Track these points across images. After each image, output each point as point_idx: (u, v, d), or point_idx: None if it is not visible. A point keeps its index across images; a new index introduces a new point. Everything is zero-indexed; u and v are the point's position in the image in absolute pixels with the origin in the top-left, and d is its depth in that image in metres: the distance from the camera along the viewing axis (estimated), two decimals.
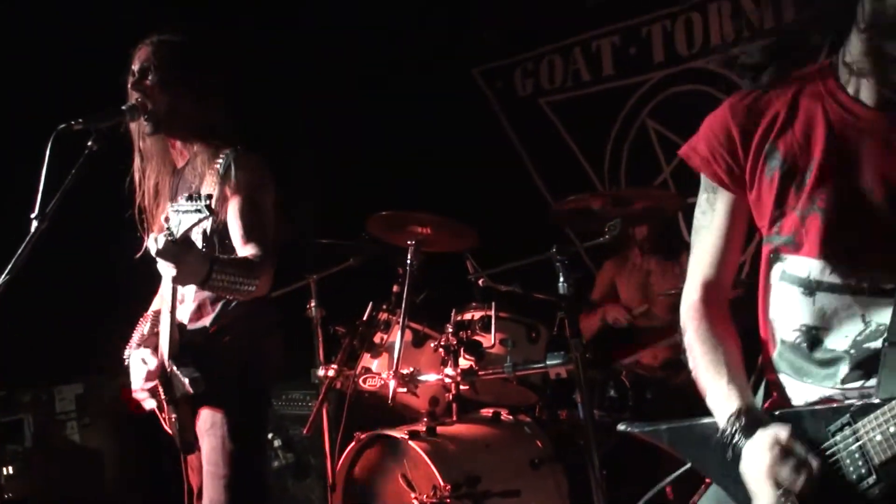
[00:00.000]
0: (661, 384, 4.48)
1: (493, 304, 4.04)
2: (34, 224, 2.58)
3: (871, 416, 1.63)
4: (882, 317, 1.70)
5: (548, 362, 3.72)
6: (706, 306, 1.95)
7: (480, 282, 4.20)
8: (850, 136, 1.73)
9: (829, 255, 1.75)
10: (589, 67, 6.13)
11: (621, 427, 2.09)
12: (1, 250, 2.59)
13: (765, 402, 1.92)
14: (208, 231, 2.87)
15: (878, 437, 1.62)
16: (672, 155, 5.71)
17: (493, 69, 6.60)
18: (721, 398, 1.84)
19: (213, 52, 3.15)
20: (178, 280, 2.70)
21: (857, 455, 1.65)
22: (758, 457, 1.71)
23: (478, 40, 6.36)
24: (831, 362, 1.77)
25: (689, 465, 1.97)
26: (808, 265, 1.78)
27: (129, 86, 3.00)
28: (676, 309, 4.64)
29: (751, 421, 1.76)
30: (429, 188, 5.52)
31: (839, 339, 1.76)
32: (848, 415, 1.67)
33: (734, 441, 1.76)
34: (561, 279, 3.52)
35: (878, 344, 1.70)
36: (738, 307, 2.01)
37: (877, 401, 1.65)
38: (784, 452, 1.68)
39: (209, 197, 2.55)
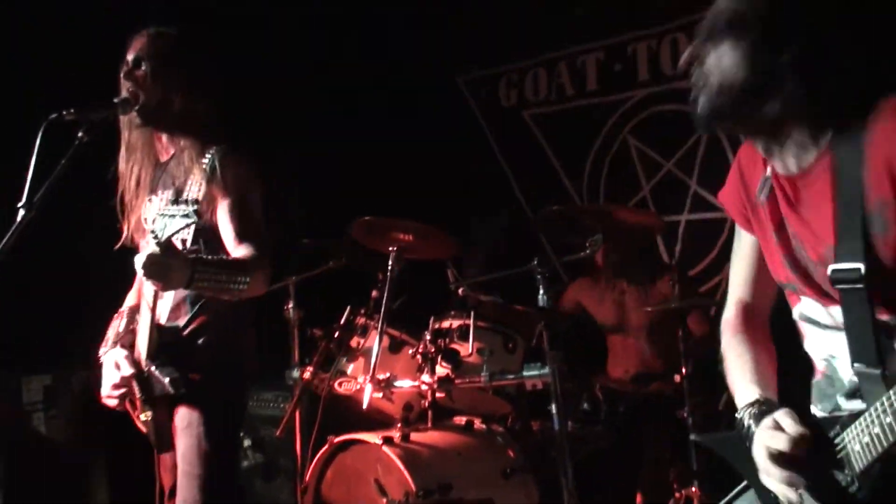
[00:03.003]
0: (633, 398, 4.51)
1: (472, 313, 4.05)
2: (21, 213, 2.56)
3: (853, 425, 1.72)
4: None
5: (525, 373, 3.73)
6: (740, 321, 2.11)
7: (460, 291, 4.21)
8: (794, 195, 1.85)
9: (820, 299, 1.86)
10: (573, 82, 6.17)
11: (693, 437, 2.50)
12: None
13: None
14: (192, 233, 2.86)
15: (857, 447, 1.70)
16: (652, 173, 5.77)
17: (477, 78, 6.63)
18: (742, 395, 1.96)
19: (206, 48, 3.15)
20: (166, 288, 2.71)
21: (843, 463, 1.74)
22: (761, 436, 1.82)
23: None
24: (842, 391, 1.86)
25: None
26: (813, 308, 1.90)
27: (121, 75, 2.99)
28: (651, 329, 4.71)
29: (761, 410, 1.87)
30: (412, 195, 5.53)
31: (846, 369, 1.84)
32: (838, 426, 1.76)
33: (748, 427, 1.87)
34: (541, 291, 3.55)
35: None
36: None
37: (859, 411, 1.72)
38: (775, 425, 1.79)
39: (196, 202, 2.55)
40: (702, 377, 4.16)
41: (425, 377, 3.90)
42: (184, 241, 2.86)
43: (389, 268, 4.06)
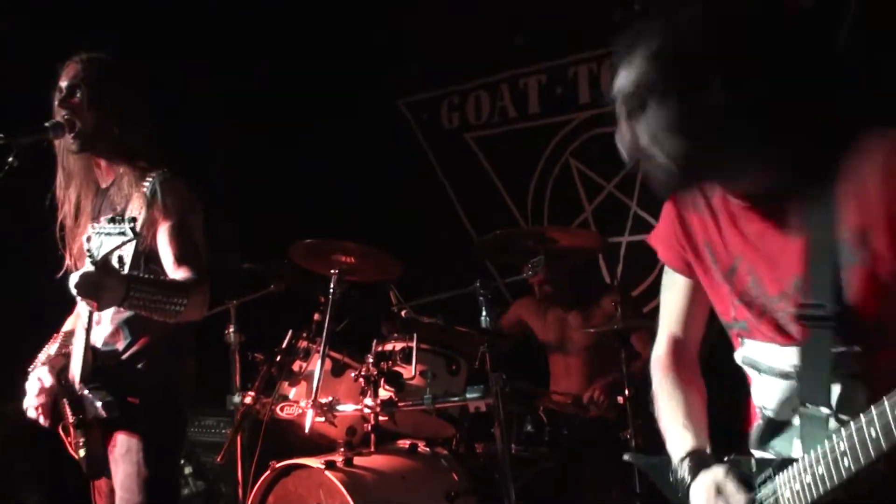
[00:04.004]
0: (576, 420, 4.52)
1: (415, 335, 4.04)
2: None
3: (786, 471, 1.70)
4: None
5: (467, 395, 3.72)
6: (671, 359, 2.08)
7: (403, 313, 4.19)
8: (751, 230, 1.80)
9: (770, 339, 1.82)
10: (515, 104, 6.21)
11: (626, 457, 2.25)
12: None
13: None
14: (130, 255, 2.83)
15: (788, 494, 1.68)
16: (594, 194, 5.81)
17: (419, 101, 6.64)
18: (675, 441, 1.94)
19: (141, 74, 3.12)
20: (101, 307, 2.67)
21: None
22: (699, 494, 1.81)
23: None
24: (780, 438, 1.84)
25: None
26: (759, 350, 1.86)
27: (56, 103, 2.95)
28: (593, 350, 4.71)
29: (697, 463, 1.85)
30: (354, 218, 5.52)
31: (788, 412, 1.82)
32: (770, 469, 1.74)
33: (683, 480, 1.86)
34: (483, 313, 3.55)
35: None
36: None
37: (794, 457, 1.71)
38: (717, 489, 1.77)
39: (133, 220, 2.52)
40: (645, 399, 4.17)
41: (368, 400, 3.87)
42: (121, 258, 2.82)
43: (331, 290, 4.04)
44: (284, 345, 4.18)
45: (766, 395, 1.86)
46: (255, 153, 5.87)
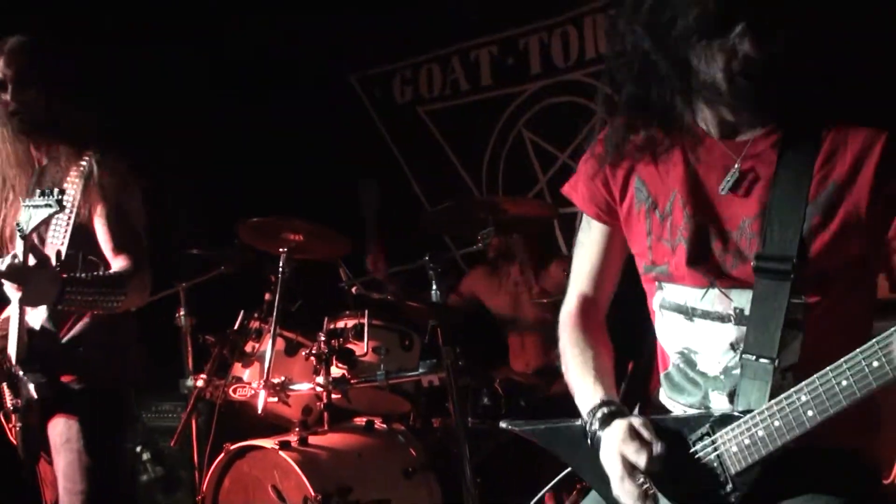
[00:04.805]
0: (535, 391, 4.51)
1: (367, 311, 4.01)
2: None
3: (729, 427, 1.68)
4: None
5: (420, 370, 3.69)
6: (581, 316, 2.05)
7: (354, 289, 4.16)
8: (704, 165, 1.80)
9: (700, 281, 1.80)
10: (467, 77, 6.16)
11: (503, 424, 2.15)
12: None
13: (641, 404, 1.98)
14: (69, 233, 2.77)
15: (734, 448, 1.67)
16: (548, 165, 5.79)
17: (371, 76, 6.57)
18: (586, 395, 1.90)
19: (71, 53, 3.06)
20: (26, 301, 2.62)
21: (715, 464, 1.69)
22: (611, 441, 1.76)
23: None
24: (705, 386, 1.83)
25: (567, 472, 2.03)
26: (683, 293, 1.84)
27: None
28: (547, 320, 4.69)
29: (609, 412, 1.82)
30: (305, 195, 5.45)
31: (711, 364, 1.81)
32: (707, 425, 1.72)
33: (594, 431, 1.82)
34: (434, 287, 3.51)
35: None
36: None
37: (735, 412, 1.69)
38: (632, 434, 1.73)
39: (62, 192, 2.47)
40: None
41: (320, 379, 3.84)
42: (59, 253, 2.77)
43: (280, 269, 3.99)
44: (236, 326, 4.14)
45: (692, 339, 1.84)
46: (202, 130, 5.77)
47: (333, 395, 3.93)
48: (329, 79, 6.47)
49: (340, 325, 4.09)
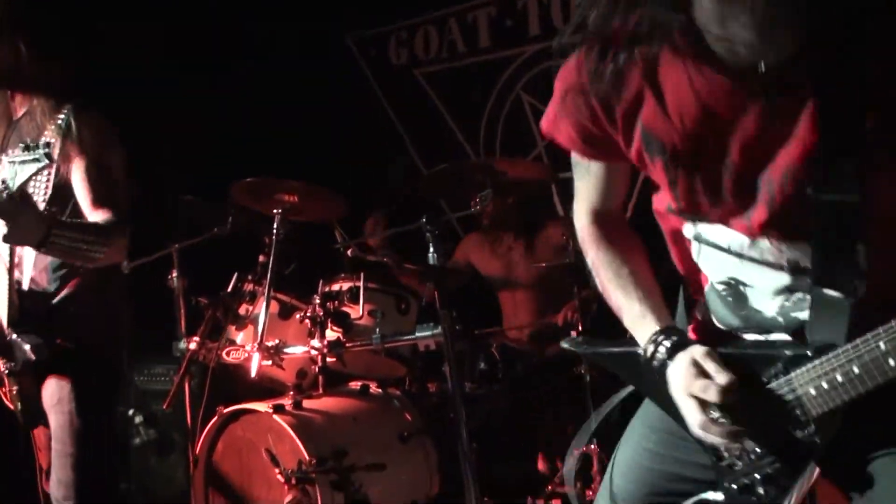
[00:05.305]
0: (531, 356, 4.48)
1: (363, 274, 3.96)
2: None
3: (804, 368, 1.58)
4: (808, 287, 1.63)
5: (416, 334, 3.64)
6: (600, 227, 1.88)
7: (349, 252, 4.11)
8: (731, 107, 1.54)
9: (747, 232, 1.65)
10: (464, 39, 6.08)
11: (564, 344, 2.00)
12: None
13: (689, 324, 1.88)
14: (50, 189, 2.71)
15: (813, 392, 1.57)
16: None
17: (367, 37, 6.49)
18: (637, 321, 1.78)
19: (52, 4, 2.97)
20: (11, 238, 2.55)
21: (794, 404, 1.60)
22: (678, 378, 1.66)
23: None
24: (762, 324, 1.72)
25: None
26: (728, 236, 1.68)
27: None
28: (542, 284, 4.68)
29: (673, 343, 1.70)
30: (301, 156, 5.39)
31: (766, 302, 1.69)
32: (780, 364, 1.62)
33: (658, 366, 1.71)
34: (431, 250, 3.46)
35: (805, 314, 1.63)
36: None
37: (808, 353, 1.58)
38: (697, 370, 1.63)
39: (48, 145, 2.41)
40: (599, 334, 4.12)
41: (315, 342, 3.79)
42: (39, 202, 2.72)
43: (275, 231, 3.93)
44: (230, 288, 4.09)
45: (741, 274, 1.70)
46: (196, 90, 5.69)
47: (328, 359, 3.89)
48: (325, 38, 6.39)
49: (336, 287, 4.04)
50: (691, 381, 1.63)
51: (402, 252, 4.57)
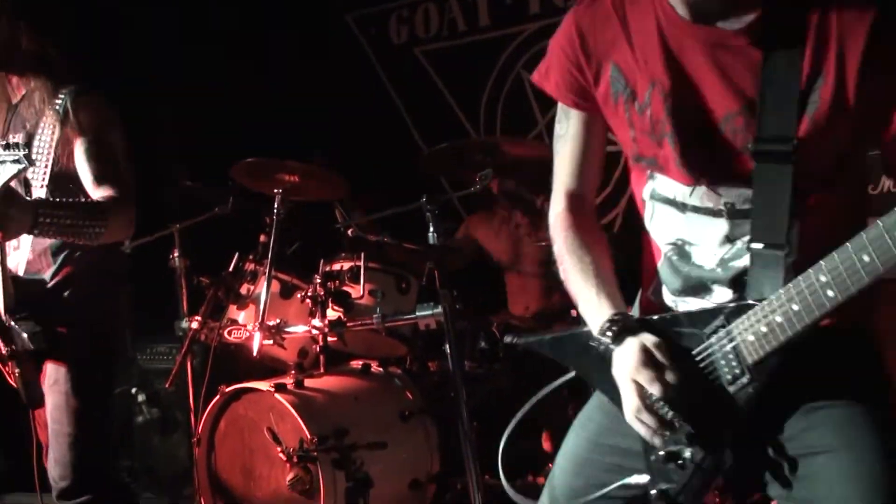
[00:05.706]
0: (533, 335, 4.48)
1: (363, 254, 3.96)
2: None
3: (744, 316, 1.64)
4: (745, 235, 1.70)
5: (417, 313, 3.65)
6: (572, 215, 1.95)
7: (350, 231, 4.11)
8: (685, 52, 1.70)
9: (687, 178, 1.75)
10: (465, 17, 6.05)
11: (507, 339, 2.10)
12: None
13: (641, 306, 1.96)
14: (47, 176, 2.71)
15: (751, 338, 1.62)
16: (547, 107, 5.70)
17: (367, 15, 6.45)
18: (592, 306, 1.84)
19: None
20: (7, 237, 2.56)
21: (731, 356, 1.66)
22: (625, 362, 1.72)
23: None
24: (701, 279, 1.78)
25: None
26: (673, 187, 1.78)
27: None
28: (548, 261, 4.66)
29: (621, 328, 1.76)
30: (302, 136, 5.38)
31: (707, 256, 1.76)
32: (722, 316, 1.68)
33: (606, 348, 1.78)
34: (431, 229, 3.46)
35: (744, 262, 1.69)
36: None
37: (750, 301, 1.65)
38: (646, 358, 1.69)
39: (27, 146, 2.42)
40: None
41: (316, 321, 3.81)
42: (28, 187, 2.75)
43: (275, 210, 3.93)
44: (231, 268, 4.10)
45: (685, 231, 1.79)
46: (197, 70, 5.68)
47: (329, 338, 3.91)
48: (325, 16, 6.35)
49: (336, 267, 4.05)
50: (638, 367, 1.69)
51: (402, 232, 4.57)
